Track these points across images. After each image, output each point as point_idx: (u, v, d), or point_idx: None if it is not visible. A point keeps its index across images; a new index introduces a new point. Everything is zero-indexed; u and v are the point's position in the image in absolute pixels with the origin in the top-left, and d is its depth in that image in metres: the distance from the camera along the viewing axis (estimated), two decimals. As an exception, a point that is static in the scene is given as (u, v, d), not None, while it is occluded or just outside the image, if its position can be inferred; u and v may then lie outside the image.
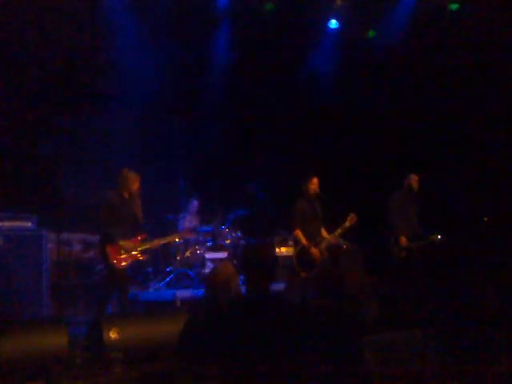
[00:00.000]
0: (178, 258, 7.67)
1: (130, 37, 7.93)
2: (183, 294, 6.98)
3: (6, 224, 6.03)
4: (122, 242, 5.71)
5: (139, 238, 5.92)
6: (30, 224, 6.16)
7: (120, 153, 7.79)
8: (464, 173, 8.61)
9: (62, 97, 7.55)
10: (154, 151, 8.34)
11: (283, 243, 8.28)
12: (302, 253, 6.41)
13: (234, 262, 7.67)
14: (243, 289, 3.33)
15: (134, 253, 5.81)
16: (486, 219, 8.38)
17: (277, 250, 8.26)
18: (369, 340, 3.39)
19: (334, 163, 9.02)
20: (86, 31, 7.48)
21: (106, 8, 7.68)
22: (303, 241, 6.43)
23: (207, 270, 7.48)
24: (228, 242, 7.85)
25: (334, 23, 8.93)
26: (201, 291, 7.15)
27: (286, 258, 7.69)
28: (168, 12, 7.83)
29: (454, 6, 8.44)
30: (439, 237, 7.05)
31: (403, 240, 6.98)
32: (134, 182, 5.94)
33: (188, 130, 8.66)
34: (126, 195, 5.92)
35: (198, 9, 8.27)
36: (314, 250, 6.39)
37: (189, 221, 8.07)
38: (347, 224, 6.57)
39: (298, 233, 6.50)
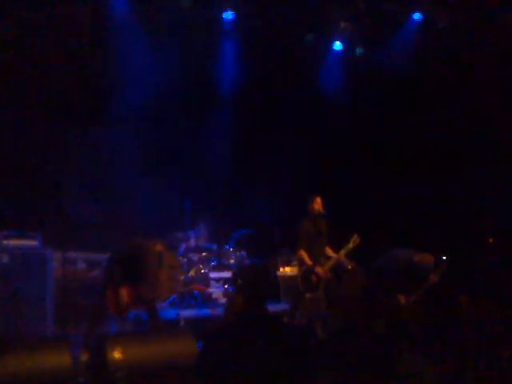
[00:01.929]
0: (182, 277, 7.65)
1: (135, 52, 8.00)
2: (187, 313, 6.95)
3: (12, 242, 6.03)
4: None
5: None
6: (35, 242, 6.17)
7: (125, 171, 7.81)
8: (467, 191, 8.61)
9: (67, 113, 7.60)
10: (159, 168, 8.33)
11: (287, 263, 8.24)
12: (306, 273, 6.36)
13: (239, 281, 7.62)
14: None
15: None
16: (491, 240, 8.34)
17: (281, 269, 8.24)
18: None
19: (338, 182, 9.05)
20: (90, 45, 7.58)
21: (112, 26, 7.80)
22: (307, 261, 6.38)
23: (211, 290, 7.45)
24: (232, 261, 7.82)
25: (338, 45, 9.13)
26: (205, 311, 7.13)
27: (291, 278, 7.67)
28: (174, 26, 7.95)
29: None
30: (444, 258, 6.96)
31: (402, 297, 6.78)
32: None
33: (194, 148, 8.69)
34: None
35: (204, 23, 8.41)
36: (320, 270, 6.33)
37: (193, 242, 8.05)
38: (351, 245, 6.49)
39: (302, 253, 6.45)
